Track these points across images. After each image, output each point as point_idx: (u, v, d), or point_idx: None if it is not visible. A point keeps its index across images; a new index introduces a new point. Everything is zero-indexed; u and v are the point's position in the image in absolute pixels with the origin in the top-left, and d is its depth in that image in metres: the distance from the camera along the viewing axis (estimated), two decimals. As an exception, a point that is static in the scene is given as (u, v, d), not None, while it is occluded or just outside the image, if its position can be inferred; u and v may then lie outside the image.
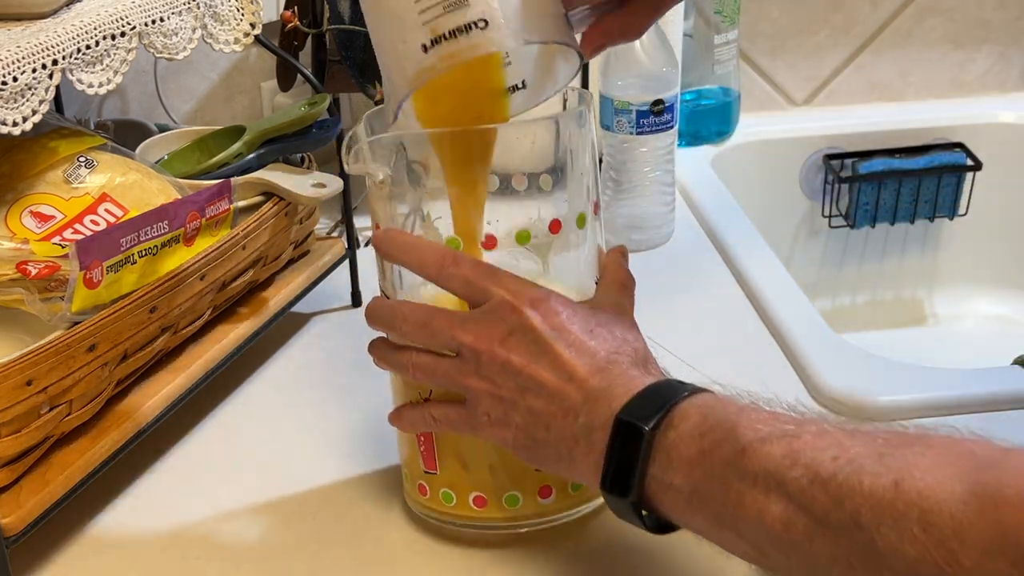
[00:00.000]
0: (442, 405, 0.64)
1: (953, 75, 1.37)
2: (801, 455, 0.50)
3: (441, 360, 0.63)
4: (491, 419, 0.61)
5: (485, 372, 0.60)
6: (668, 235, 1.08)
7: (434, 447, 0.68)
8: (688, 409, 0.55)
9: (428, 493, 0.69)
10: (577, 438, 0.58)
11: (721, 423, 0.54)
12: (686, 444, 0.54)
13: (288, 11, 0.98)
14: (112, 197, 0.78)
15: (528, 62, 0.65)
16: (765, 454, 0.51)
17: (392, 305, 0.65)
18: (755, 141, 1.29)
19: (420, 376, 0.64)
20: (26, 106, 0.66)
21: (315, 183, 0.88)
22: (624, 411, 0.56)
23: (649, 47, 1.00)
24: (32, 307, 0.68)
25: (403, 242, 0.64)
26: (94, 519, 0.74)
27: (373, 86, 0.99)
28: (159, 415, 0.76)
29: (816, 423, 0.53)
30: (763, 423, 0.53)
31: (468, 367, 0.61)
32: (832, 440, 0.51)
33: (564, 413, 0.59)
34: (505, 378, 0.60)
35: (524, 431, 0.60)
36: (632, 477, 0.55)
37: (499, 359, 0.60)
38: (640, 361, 0.61)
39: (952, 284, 1.38)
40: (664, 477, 0.55)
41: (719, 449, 0.53)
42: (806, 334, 0.89)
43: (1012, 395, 0.81)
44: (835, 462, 0.49)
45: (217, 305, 0.83)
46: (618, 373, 0.59)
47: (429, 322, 0.62)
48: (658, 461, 0.55)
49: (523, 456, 0.62)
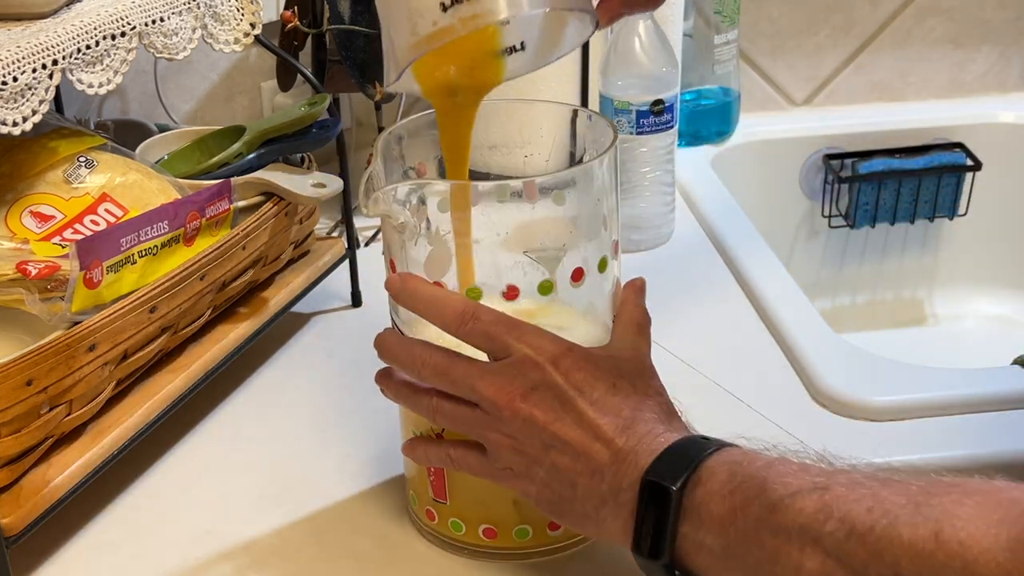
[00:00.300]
0: (461, 447, 0.63)
1: (953, 75, 1.37)
2: (834, 508, 0.49)
3: (462, 408, 0.61)
4: (514, 472, 0.61)
5: (507, 428, 0.59)
6: (668, 235, 1.08)
7: (445, 479, 0.67)
8: (714, 466, 0.55)
9: (436, 520, 0.69)
10: (605, 499, 0.57)
11: (750, 479, 0.53)
12: (716, 502, 0.54)
13: (288, 11, 0.98)
14: (112, 197, 0.78)
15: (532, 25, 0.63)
16: (797, 509, 0.51)
17: (409, 345, 0.63)
18: (755, 141, 1.29)
19: (440, 420, 0.63)
20: (26, 106, 0.66)
21: (315, 183, 0.88)
22: (651, 471, 0.55)
23: (649, 47, 1.00)
24: (32, 307, 0.68)
25: (422, 293, 0.62)
26: (94, 519, 0.74)
27: (373, 86, 0.99)
28: (159, 415, 0.76)
29: (846, 473, 0.52)
30: (792, 476, 0.52)
31: (490, 421, 0.60)
32: (865, 491, 0.50)
33: (591, 473, 0.58)
34: (528, 434, 0.59)
35: (548, 487, 0.59)
36: (663, 540, 0.54)
37: (521, 415, 0.59)
38: (664, 415, 0.60)
39: (952, 284, 1.38)
40: (696, 536, 0.54)
41: (750, 506, 0.52)
42: (806, 334, 0.89)
43: (1012, 395, 0.81)
44: (870, 514, 0.48)
45: (217, 305, 0.83)
46: (644, 432, 0.58)
47: (449, 370, 0.61)
48: (688, 520, 0.54)
49: (546, 510, 0.61)
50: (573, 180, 0.64)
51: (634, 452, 0.57)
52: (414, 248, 0.63)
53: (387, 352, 0.64)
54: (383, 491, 0.75)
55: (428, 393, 0.63)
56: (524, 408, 0.59)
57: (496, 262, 0.64)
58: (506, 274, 0.63)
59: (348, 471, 0.77)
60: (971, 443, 0.78)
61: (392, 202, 0.62)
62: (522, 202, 0.62)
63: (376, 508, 0.73)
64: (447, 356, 0.61)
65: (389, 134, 0.67)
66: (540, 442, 0.59)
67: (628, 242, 1.04)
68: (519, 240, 0.63)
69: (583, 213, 0.64)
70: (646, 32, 1.00)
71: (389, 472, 0.76)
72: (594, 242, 0.65)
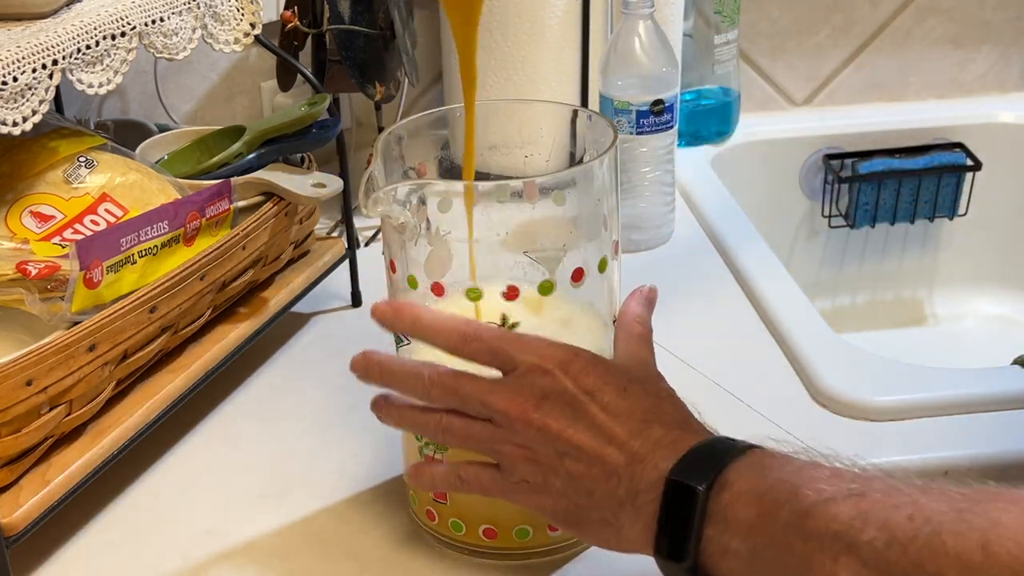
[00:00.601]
0: (473, 467, 0.62)
1: (953, 75, 1.37)
2: (871, 515, 0.48)
3: (473, 424, 0.60)
4: (529, 486, 0.60)
5: (521, 438, 0.58)
6: (668, 235, 1.08)
7: None
8: (742, 468, 0.53)
9: (436, 520, 0.69)
10: (623, 502, 0.56)
11: (780, 483, 0.51)
12: (743, 505, 0.52)
13: (288, 11, 0.98)
14: (112, 197, 0.78)
15: None
16: (831, 515, 0.49)
17: (413, 368, 0.62)
18: (755, 141, 1.29)
19: (450, 440, 0.62)
20: (26, 106, 0.66)
21: (315, 183, 0.88)
22: (675, 471, 0.54)
23: (649, 47, 1.00)
24: (32, 307, 0.68)
25: (417, 319, 0.61)
26: (94, 519, 0.74)
27: (373, 86, 0.99)
28: (159, 415, 0.76)
29: (882, 479, 0.50)
30: (825, 481, 0.51)
31: (503, 433, 0.59)
32: (904, 498, 0.48)
33: (607, 477, 0.57)
34: (542, 443, 0.58)
35: (565, 497, 0.58)
36: (688, 541, 0.53)
37: (535, 424, 0.58)
38: (681, 416, 0.59)
39: (952, 284, 1.38)
40: (721, 540, 0.52)
41: (780, 510, 0.51)
42: (806, 334, 0.89)
43: (1012, 395, 0.81)
44: (911, 522, 0.47)
45: (217, 305, 0.83)
46: (660, 433, 0.57)
47: (458, 388, 0.60)
48: (714, 523, 0.53)
49: (563, 525, 0.60)
50: (573, 180, 0.64)
51: (652, 454, 0.56)
52: (414, 248, 0.63)
53: (386, 375, 0.62)
54: (383, 491, 0.75)
55: (434, 413, 0.61)
56: (537, 417, 0.58)
57: (496, 262, 0.64)
58: (506, 274, 0.63)
59: (348, 471, 0.77)
60: (971, 443, 0.78)
61: (392, 202, 0.62)
62: (522, 202, 0.62)
63: (376, 508, 0.73)
64: (455, 374, 0.60)
65: (389, 134, 0.67)
66: (555, 450, 0.58)
67: (628, 242, 1.04)
68: (519, 240, 0.63)
69: (583, 213, 0.64)
70: (646, 32, 1.00)
71: (389, 472, 0.76)
72: (594, 242, 0.65)
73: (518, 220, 0.62)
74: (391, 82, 1.02)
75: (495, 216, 0.62)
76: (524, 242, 0.63)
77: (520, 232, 0.63)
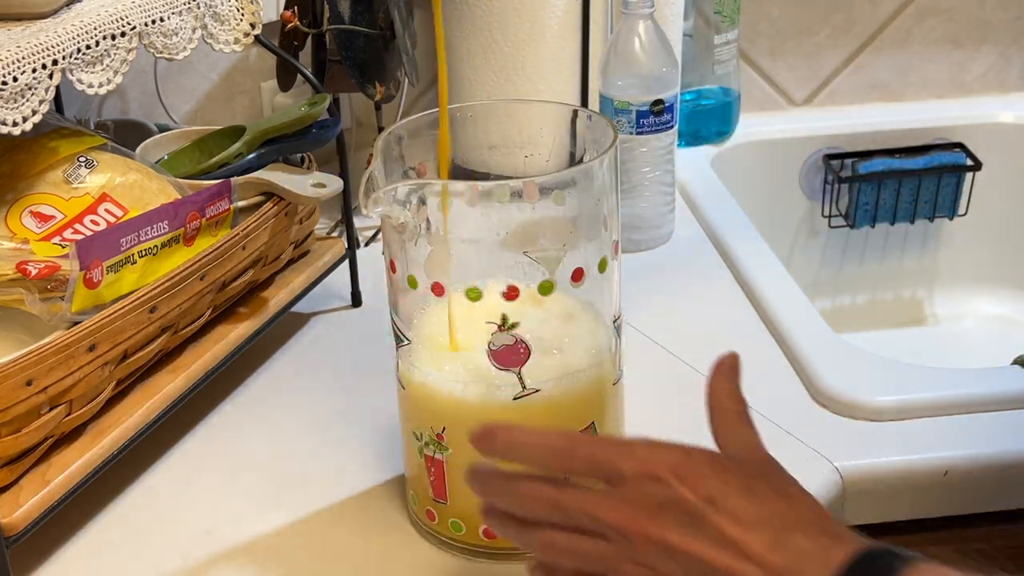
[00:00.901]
0: None
1: (953, 75, 1.36)
2: None
3: (583, 541, 0.54)
4: None
5: (641, 557, 0.52)
6: (668, 235, 1.08)
7: (445, 480, 0.67)
8: None
9: (436, 520, 0.69)
10: None
11: None
12: None
13: (288, 11, 0.98)
14: (112, 197, 0.78)
15: None
16: None
17: (508, 478, 0.56)
18: (755, 141, 1.29)
19: (557, 556, 0.56)
20: (26, 106, 0.66)
21: (315, 183, 0.88)
22: None
23: (649, 47, 1.00)
24: (32, 307, 0.68)
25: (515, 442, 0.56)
26: (94, 519, 0.74)
27: (373, 86, 0.99)
28: (159, 415, 0.76)
29: None
30: None
31: (619, 550, 0.53)
32: None
33: None
34: (665, 561, 0.52)
35: None
36: None
37: (654, 539, 0.52)
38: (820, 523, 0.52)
39: (952, 284, 1.38)
40: None
41: None
42: (806, 334, 0.89)
43: (1012, 395, 0.81)
44: None
45: (217, 305, 0.83)
46: (804, 544, 0.51)
47: (559, 501, 0.54)
48: None
49: None
50: (573, 180, 0.64)
51: (800, 571, 0.50)
52: (414, 248, 0.63)
53: (486, 488, 0.57)
54: (383, 491, 0.75)
55: (539, 528, 0.56)
56: (656, 532, 0.52)
57: (496, 262, 0.64)
58: (506, 274, 0.63)
59: (348, 471, 0.77)
60: (971, 443, 0.78)
61: (392, 202, 0.62)
62: (522, 202, 0.61)
63: (376, 508, 0.73)
64: (556, 486, 0.55)
65: (389, 134, 0.67)
66: (680, 568, 0.52)
67: (628, 242, 1.04)
68: (519, 240, 0.63)
69: (583, 213, 0.64)
70: (646, 32, 1.00)
71: (389, 472, 0.76)
72: (594, 242, 0.65)
73: (518, 220, 0.62)
74: (391, 82, 1.02)
75: (495, 216, 0.62)
76: (524, 242, 0.63)
77: (520, 232, 0.63)
